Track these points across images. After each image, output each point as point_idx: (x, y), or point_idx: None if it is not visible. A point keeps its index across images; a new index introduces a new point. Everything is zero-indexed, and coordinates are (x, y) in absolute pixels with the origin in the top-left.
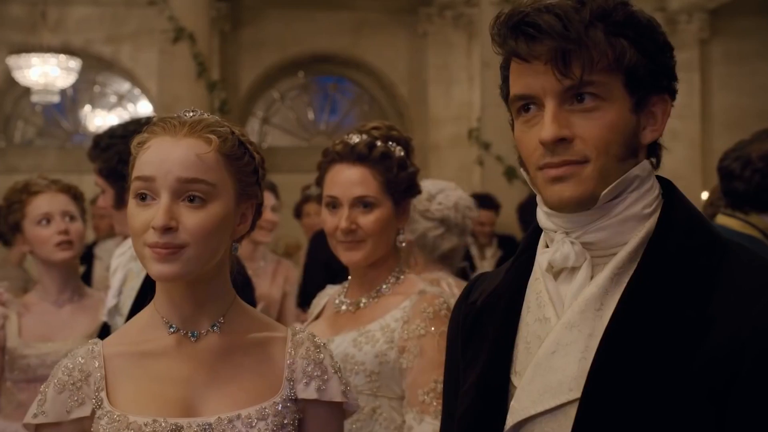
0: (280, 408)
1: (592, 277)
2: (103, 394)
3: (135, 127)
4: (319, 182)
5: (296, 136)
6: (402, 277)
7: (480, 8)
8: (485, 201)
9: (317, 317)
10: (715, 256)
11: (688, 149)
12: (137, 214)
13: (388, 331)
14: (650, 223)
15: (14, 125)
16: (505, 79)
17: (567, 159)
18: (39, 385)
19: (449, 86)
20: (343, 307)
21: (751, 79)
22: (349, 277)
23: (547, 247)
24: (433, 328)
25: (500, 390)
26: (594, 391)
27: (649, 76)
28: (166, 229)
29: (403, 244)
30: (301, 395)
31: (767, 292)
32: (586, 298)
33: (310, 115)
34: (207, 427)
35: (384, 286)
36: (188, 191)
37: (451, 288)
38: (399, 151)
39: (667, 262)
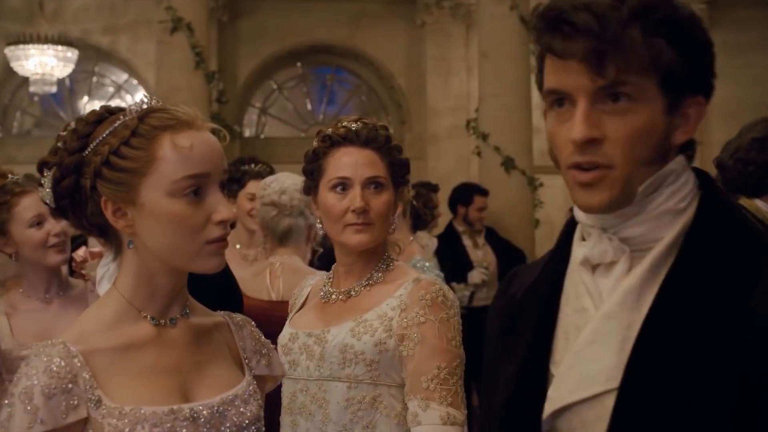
0: (255, 384)
1: (629, 270)
2: (98, 393)
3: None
4: (313, 169)
5: (294, 127)
6: (392, 264)
7: None
8: (482, 188)
9: (300, 308)
10: (755, 248)
11: None
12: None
13: (385, 319)
14: (687, 216)
15: (12, 116)
16: (541, 70)
17: (595, 161)
18: None
19: (447, 77)
20: (333, 297)
21: (748, 70)
22: (333, 266)
23: (583, 239)
24: (432, 316)
25: (539, 379)
26: (632, 381)
27: (686, 77)
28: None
29: (394, 229)
30: (256, 372)
31: None
32: (625, 290)
33: (308, 106)
34: (215, 409)
35: (375, 274)
36: None
37: (283, 266)
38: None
39: (705, 255)
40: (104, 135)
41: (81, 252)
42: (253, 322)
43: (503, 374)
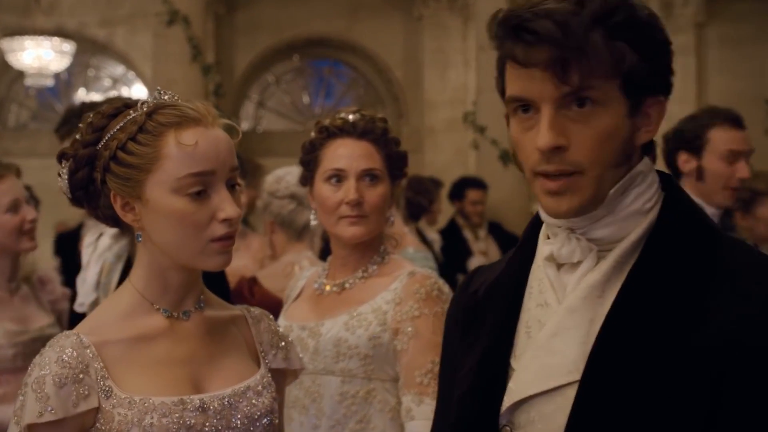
0: (270, 377)
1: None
2: (110, 383)
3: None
4: (310, 160)
5: (291, 120)
6: (387, 257)
7: None
8: (476, 182)
9: (296, 299)
10: (713, 247)
11: None
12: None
13: (380, 313)
14: (652, 216)
15: (8, 109)
16: (501, 75)
17: (562, 168)
18: (13, 376)
19: (445, 70)
20: (327, 288)
21: (746, 63)
22: (329, 258)
23: (548, 238)
24: (426, 309)
25: (499, 373)
26: (594, 373)
27: (647, 79)
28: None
29: (392, 220)
30: (272, 366)
31: (763, 288)
32: (589, 285)
33: (305, 99)
34: (226, 400)
35: (371, 267)
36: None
37: (312, 262)
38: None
39: (667, 253)
40: (115, 130)
41: None
42: (270, 316)
43: (461, 369)
